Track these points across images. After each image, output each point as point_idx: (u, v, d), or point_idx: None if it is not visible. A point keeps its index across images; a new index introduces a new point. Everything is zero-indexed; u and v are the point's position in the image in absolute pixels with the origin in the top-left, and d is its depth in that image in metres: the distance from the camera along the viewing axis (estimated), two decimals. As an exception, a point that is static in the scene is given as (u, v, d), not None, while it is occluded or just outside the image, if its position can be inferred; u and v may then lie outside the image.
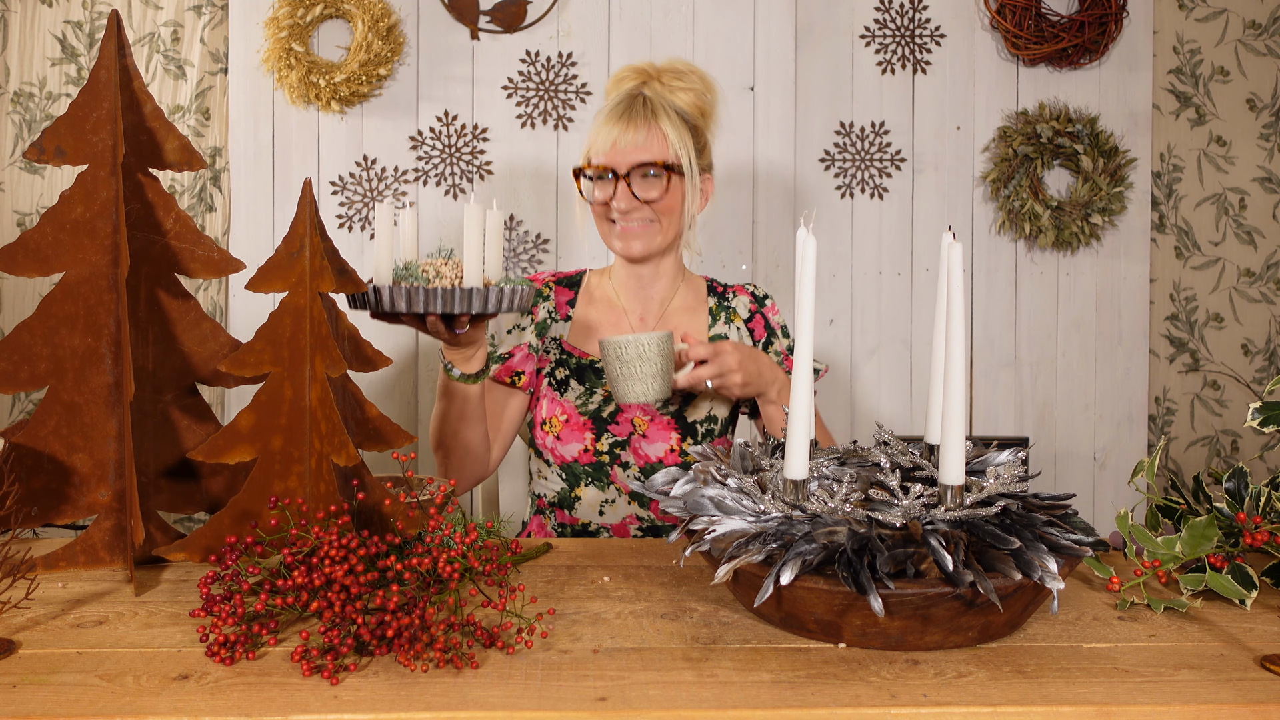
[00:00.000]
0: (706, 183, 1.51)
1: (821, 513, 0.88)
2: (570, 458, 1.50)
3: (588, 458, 1.50)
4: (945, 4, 2.33)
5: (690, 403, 1.50)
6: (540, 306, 1.56)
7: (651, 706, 0.73)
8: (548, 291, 1.58)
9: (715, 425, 1.52)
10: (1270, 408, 0.98)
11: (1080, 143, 2.28)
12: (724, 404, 1.52)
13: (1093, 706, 0.73)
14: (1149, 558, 1.00)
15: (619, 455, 1.49)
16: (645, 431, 1.49)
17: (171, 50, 2.19)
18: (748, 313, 1.59)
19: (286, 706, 0.72)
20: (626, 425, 1.49)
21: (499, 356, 1.52)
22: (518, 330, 1.55)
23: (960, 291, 0.87)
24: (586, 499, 1.51)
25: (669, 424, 1.49)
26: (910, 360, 2.36)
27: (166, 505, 1.14)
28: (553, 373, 1.52)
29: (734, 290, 1.61)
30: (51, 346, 1.05)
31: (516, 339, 1.55)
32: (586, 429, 1.49)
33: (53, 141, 1.04)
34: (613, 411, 1.49)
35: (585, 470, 1.50)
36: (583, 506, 1.51)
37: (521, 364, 1.52)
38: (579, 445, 1.50)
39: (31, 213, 2.17)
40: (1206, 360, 2.40)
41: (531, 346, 1.54)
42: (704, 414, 1.51)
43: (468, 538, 0.91)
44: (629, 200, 1.44)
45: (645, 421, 1.49)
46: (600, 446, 1.49)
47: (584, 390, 1.50)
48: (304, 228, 0.98)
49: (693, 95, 1.50)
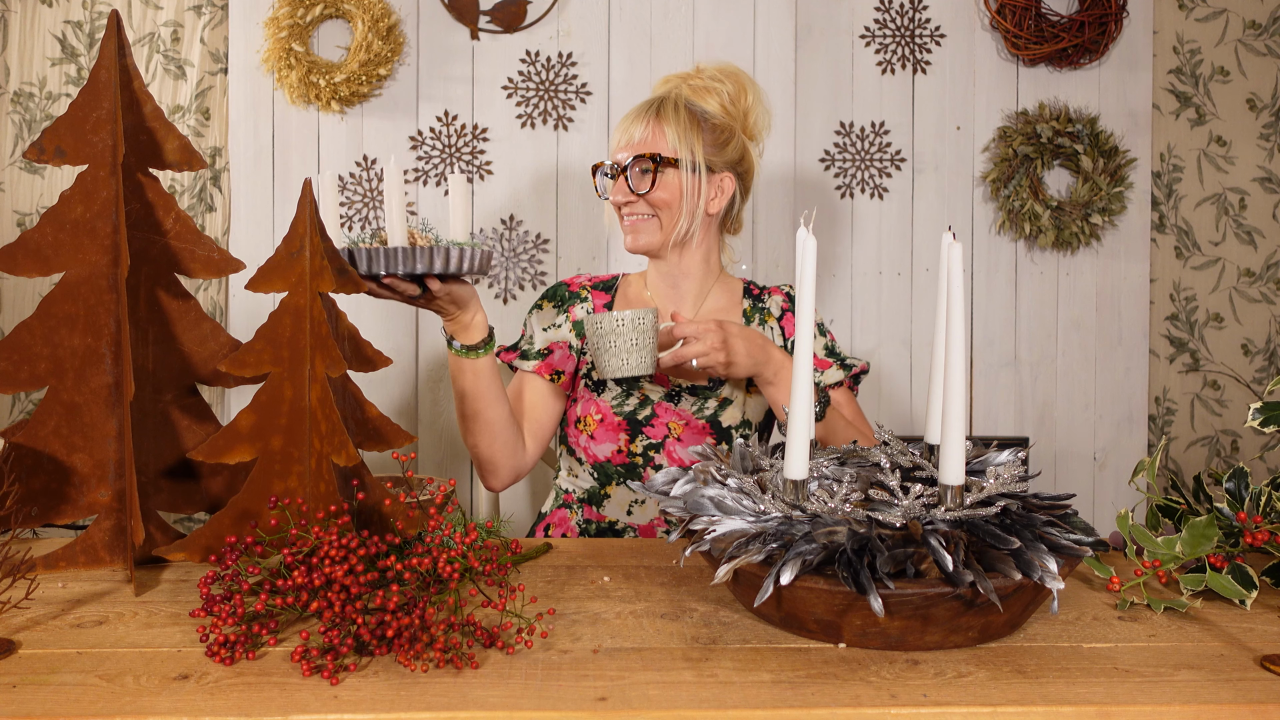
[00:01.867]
0: (725, 179, 1.51)
1: (821, 513, 0.88)
2: (603, 457, 1.52)
3: (620, 459, 1.51)
4: (945, 4, 2.33)
5: (725, 408, 1.51)
6: (576, 307, 1.57)
7: (651, 706, 0.73)
8: (585, 294, 1.59)
9: (750, 430, 1.53)
10: (1270, 408, 0.98)
11: (1080, 143, 2.28)
12: (753, 410, 1.53)
13: (1093, 706, 0.73)
14: (1149, 558, 1.00)
15: (652, 458, 1.51)
16: (680, 435, 1.50)
17: (171, 50, 2.19)
18: (779, 311, 1.59)
19: (286, 706, 0.72)
20: (662, 428, 1.50)
21: (538, 352, 1.54)
22: (554, 328, 1.55)
23: (960, 291, 0.87)
24: (616, 498, 1.52)
25: (704, 428, 1.51)
26: (910, 360, 2.36)
27: (166, 505, 1.14)
28: (589, 374, 1.53)
29: (769, 291, 1.62)
30: (51, 346, 1.05)
31: (553, 336, 1.55)
32: (621, 430, 1.51)
33: (53, 141, 1.04)
34: (649, 415, 1.51)
35: (617, 470, 1.52)
36: (611, 505, 1.52)
37: (562, 363, 1.53)
38: (613, 446, 1.51)
39: (31, 213, 2.17)
40: (1206, 360, 2.40)
41: (572, 347, 1.55)
42: (739, 419, 1.52)
43: (468, 538, 0.91)
44: (624, 192, 1.49)
45: (680, 425, 1.50)
46: (634, 448, 1.51)
47: (621, 392, 1.51)
48: (304, 228, 0.98)
49: (717, 97, 1.52)
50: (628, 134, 1.50)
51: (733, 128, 1.53)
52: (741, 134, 1.54)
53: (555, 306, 1.58)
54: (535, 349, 1.55)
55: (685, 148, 1.47)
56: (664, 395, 1.51)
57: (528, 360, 1.54)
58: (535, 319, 1.58)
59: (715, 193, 1.51)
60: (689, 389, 1.51)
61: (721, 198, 1.52)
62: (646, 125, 1.48)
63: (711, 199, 1.51)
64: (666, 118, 1.48)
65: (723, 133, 1.51)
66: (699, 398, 1.51)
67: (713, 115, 1.51)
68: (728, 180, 1.52)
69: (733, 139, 1.52)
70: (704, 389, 1.51)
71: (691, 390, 1.51)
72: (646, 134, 1.48)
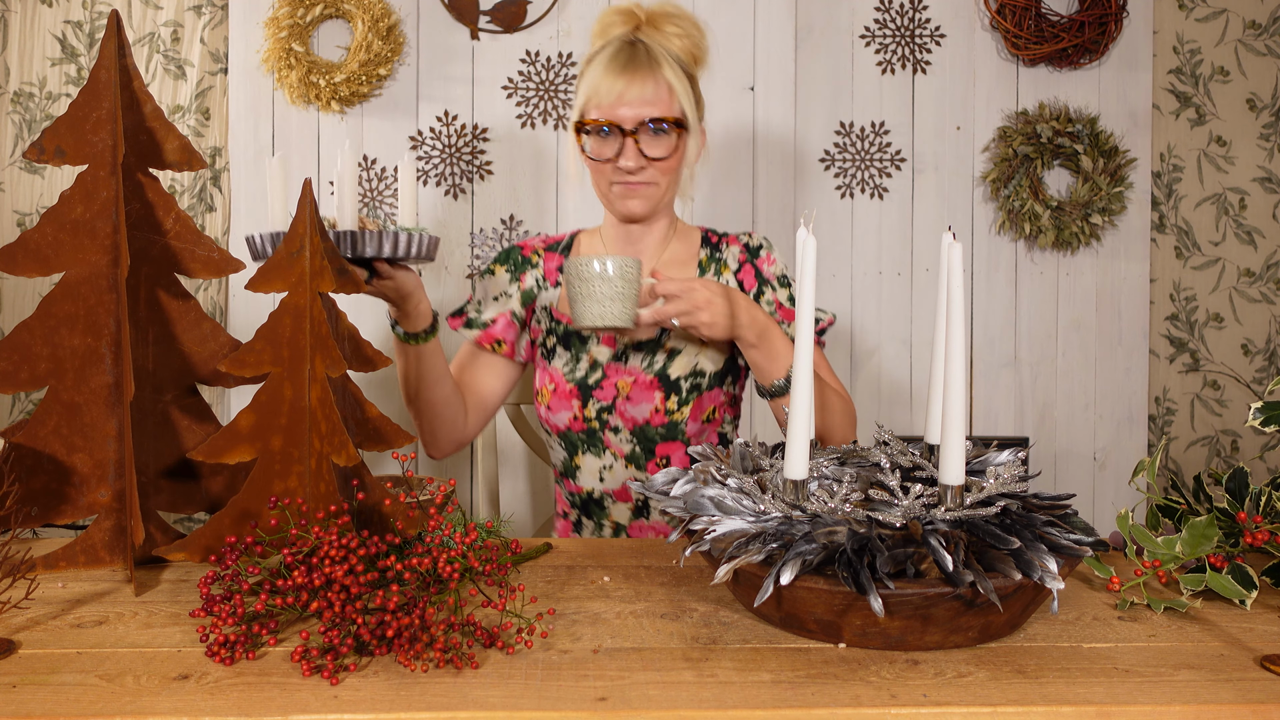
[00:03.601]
0: (702, 129, 1.47)
1: (821, 513, 0.88)
2: (563, 426, 1.49)
3: (579, 425, 1.48)
4: (945, 4, 2.33)
5: (673, 359, 1.45)
6: (527, 274, 1.54)
7: (651, 706, 0.73)
8: (536, 259, 1.55)
9: (703, 379, 1.45)
10: (1271, 407, 0.98)
11: (1080, 143, 2.28)
12: (710, 358, 1.46)
13: (1093, 706, 0.73)
14: (1149, 558, 1.00)
15: (607, 420, 1.47)
16: (629, 394, 1.45)
17: (171, 50, 2.19)
18: (736, 264, 1.52)
19: (286, 706, 0.72)
20: (610, 389, 1.46)
21: (481, 323, 1.52)
22: (504, 297, 1.53)
23: (960, 291, 0.87)
24: (586, 467, 1.50)
25: (652, 383, 1.45)
26: (910, 360, 2.36)
27: (166, 505, 1.14)
28: (544, 342, 1.51)
29: (727, 241, 1.54)
30: (51, 346, 1.05)
31: (502, 306, 1.53)
32: (573, 396, 1.47)
33: (53, 141, 1.04)
34: (599, 379, 1.46)
35: (580, 438, 1.48)
36: (584, 474, 1.51)
37: (503, 332, 1.51)
38: (568, 414, 1.48)
39: (31, 213, 2.17)
40: (1206, 360, 2.40)
41: (515, 315, 1.52)
42: (688, 369, 1.44)
43: (468, 538, 0.91)
44: (637, 158, 1.39)
45: (629, 384, 1.45)
46: (589, 413, 1.47)
47: (570, 357, 1.48)
48: (304, 228, 0.98)
49: (687, 41, 1.45)
50: (632, 89, 1.36)
51: (696, 73, 1.47)
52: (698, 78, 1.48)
53: (508, 272, 1.54)
54: (481, 319, 1.52)
55: (689, 103, 1.40)
56: (611, 356, 1.46)
57: (471, 329, 1.52)
58: (486, 284, 1.55)
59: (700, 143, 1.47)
60: (635, 345, 1.46)
61: (700, 150, 1.47)
62: (649, 80, 1.37)
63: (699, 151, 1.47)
64: (665, 69, 1.38)
65: (694, 82, 1.45)
66: (646, 352, 1.45)
67: (685, 62, 1.44)
68: (703, 134, 1.47)
69: (696, 83, 1.46)
70: (649, 342, 1.45)
71: (637, 347, 1.46)
72: (651, 90, 1.36)
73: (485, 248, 2.27)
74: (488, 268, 1.57)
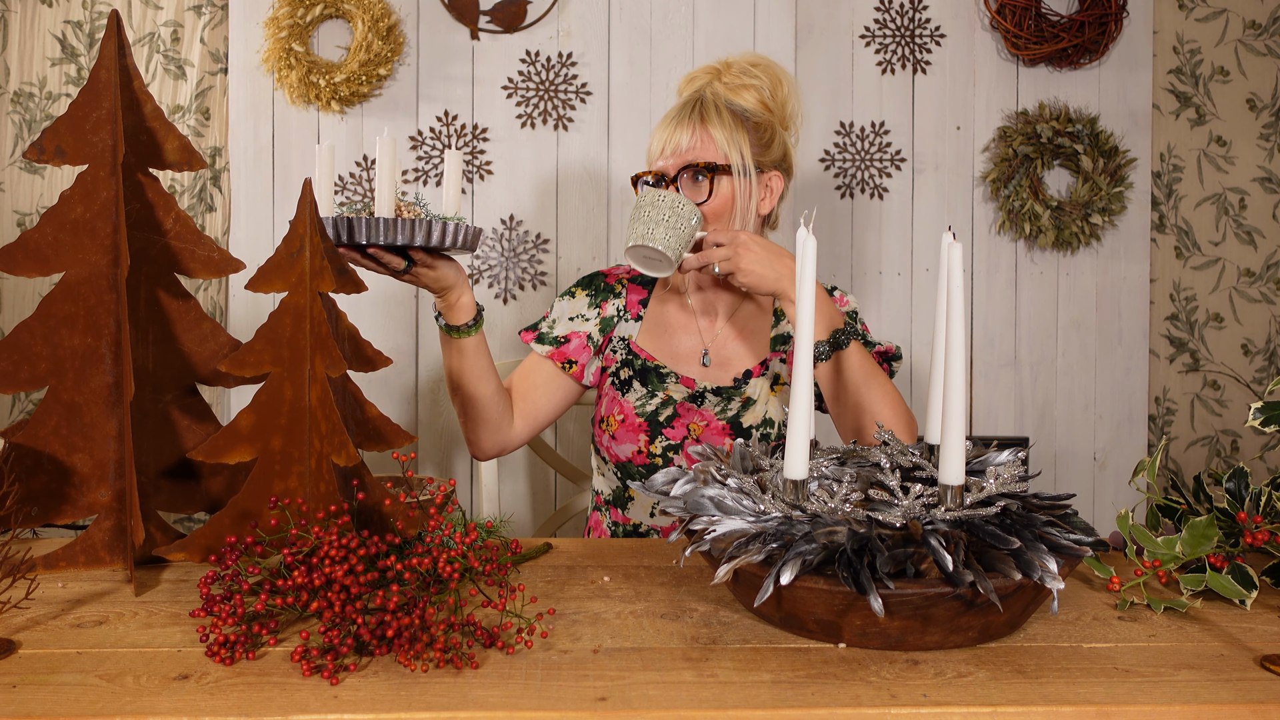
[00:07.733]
0: (773, 179, 1.48)
1: (821, 513, 0.88)
2: (624, 457, 1.50)
3: (641, 459, 1.49)
4: (945, 4, 2.33)
5: (748, 409, 1.47)
6: (609, 302, 1.55)
7: (651, 706, 0.73)
8: (620, 289, 1.56)
9: (772, 429, 1.48)
10: (1271, 407, 0.98)
11: (1080, 143, 2.28)
12: (777, 409, 1.49)
13: (1093, 706, 0.73)
14: (1149, 558, 1.00)
15: (672, 459, 1.48)
16: (699, 436, 1.47)
17: (171, 50, 2.19)
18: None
19: (286, 706, 0.72)
20: (681, 429, 1.47)
21: (554, 338, 1.52)
22: (580, 319, 1.54)
23: (960, 291, 0.87)
24: (640, 500, 1.50)
25: (724, 429, 1.47)
26: (910, 360, 2.36)
27: (166, 505, 1.14)
28: (617, 373, 1.51)
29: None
30: (51, 346, 1.05)
31: (577, 326, 1.53)
32: (642, 431, 1.48)
33: (53, 141, 1.04)
34: (670, 416, 1.47)
35: (639, 471, 1.49)
36: (635, 507, 1.51)
37: (577, 353, 1.52)
38: (633, 446, 1.48)
39: (31, 213, 2.17)
40: (1206, 360, 2.40)
41: (591, 339, 1.52)
42: (760, 418, 1.47)
43: (468, 538, 0.91)
44: None
45: (701, 426, 1.47)
46: (654, 449, 1.48)
47: (645, 393, 1.49)
48: (304, 228, 0.98)
49: (755, 92, 1.48)
50: (672, 141, 1.43)
51: (773, 123, 1.48)
52: (779, 127, 1.50)
53: (589, 297, 1.56)
54: (553, 335, 1.53)
55: (735, 150, 1.42)
56: (687, 396, 1.48)
57: (543, 344, 1.52)
58: (564, 305, 1.56)
59: (765, 193, 1.47)
60: (714, 390, 1.47)
61: (771, 198, 1.48)
62: (692, 131, 1.42)
63: (761, 200, 1.47)
64: (710, 120, 1.42)
65: (765, 130, 1.47)
66: (723, 398, 1.47)
67: (753, 113, 1.46)
68: (775, 179, 1.48)
69: (775, 135, 1.48)
70: (728, 389, 1.48)
71: (716, 391, 1.47)
72: (694, 140, 1.42)
73: (485, 248, 2.27)
74: (569, 290, 1.58)
